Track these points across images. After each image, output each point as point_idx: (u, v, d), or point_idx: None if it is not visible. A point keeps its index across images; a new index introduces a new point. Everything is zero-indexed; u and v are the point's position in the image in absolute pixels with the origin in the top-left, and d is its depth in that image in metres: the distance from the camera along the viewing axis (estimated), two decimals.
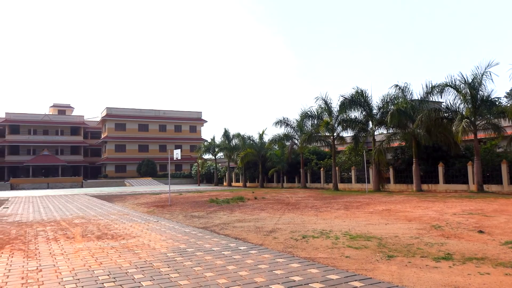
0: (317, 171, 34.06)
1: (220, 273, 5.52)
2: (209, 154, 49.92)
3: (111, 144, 63.12)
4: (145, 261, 6.39)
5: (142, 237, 8.88)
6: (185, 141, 67.78)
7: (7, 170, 60.91)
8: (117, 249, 7.43)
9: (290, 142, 35.18)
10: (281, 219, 11.72)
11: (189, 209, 15.68)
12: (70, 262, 6.40)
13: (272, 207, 15.48)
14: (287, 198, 20.75)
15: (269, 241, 7.97)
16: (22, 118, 62.78)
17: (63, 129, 65.86)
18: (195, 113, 71.26)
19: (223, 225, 10.57)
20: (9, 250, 7.58)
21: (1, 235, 9.61)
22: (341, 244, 7.49)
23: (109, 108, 64.24)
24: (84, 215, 14.12)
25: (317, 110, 30.38)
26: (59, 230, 10.38)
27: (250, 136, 41.21)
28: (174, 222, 11.63)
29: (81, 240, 8.57)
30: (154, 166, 61.14)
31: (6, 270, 5.98)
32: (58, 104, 71.64)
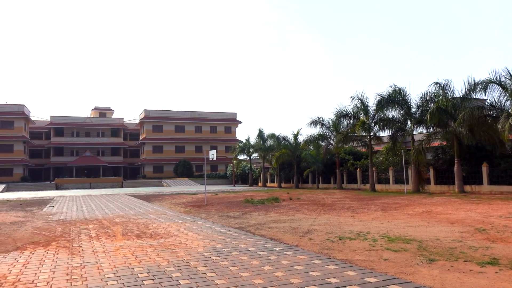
0: (353, 172, 33.47)
1: (256, 273, 5.52)
2: (244, 154, 50.22)
3: (149, 145, 64.81)
4: (183, 260, 6.50)
5: (180, 236, 9.04)
6: (220, 142, 68.53)
7: (52, 170, 63.86)
8: (156, 248, 7.61)
9: (325, 142, 34.76)
10: (316, 220, 11.60)
11: (224, 209, 15.83)
12: (112, 260, 6.62)
13: (308, 208, 15.35)
14: (322, 199, 20.53)
15: (305, 242, 7.90)
16: (65, 121, 65.66)
17: (104, 131, 68.28)
18: (230, 114, 71.92)
19: (258, 226, 10.59)
20: (54, 247, 7.94)
21: (47, 233, 10.08)
22: (379, 246, 7.32)
23: (147, 110, 66.00)
24: (124, 214, 14.57)
25: (352, 109, 29.85)
26: (101, 228, 10.76)
27: (285, 137, 41.08)
28: (210, 222, 11.77)
29: (122, 239, 8.83)
30: (190, 166, 62.21)
31: (52, 266, 6.26)
32: (99, 107, 74.44)
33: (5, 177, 55.89)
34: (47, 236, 9.46)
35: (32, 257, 6.96)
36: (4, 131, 57.72)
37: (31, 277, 5.60)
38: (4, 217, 14.39)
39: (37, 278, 5.52)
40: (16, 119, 58.72)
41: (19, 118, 58.89)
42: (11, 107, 59.24)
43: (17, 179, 56.40)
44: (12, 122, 58.49)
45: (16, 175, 57.14)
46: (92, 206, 19.22)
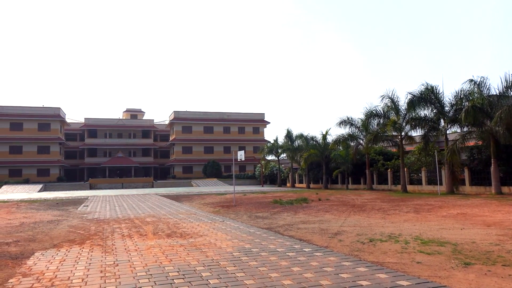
0: (384, 172, 32.82)
1: (285, 274, 5.50)
2: (272, 155, 50.16)
3: (179, 146, 65.82)
4: (212, 259, 6.56)
5: (209, 236, 9.13)
6: (249, 142, 68.74)
7: (86, 171, 65.92)
8: (186, 247, 7.72)
9: (354, 142, 34.25)
10: (346, 221, 11.44)
11: (253, 209, 15.86)
12: (143, 258, 6.76)
13: (337, 209, 15.17)
14: (352, 200, 20.22)
15: (335, 244, 7.81)
16: (99, 123, 67.64)
17: (135, 132, 69.88)
18: (258, 114, 72.06)
19: (287, 226, 10.55)
20: (89, 245, 8.19)
21: (82, 231, 10.41)
22: (411, 248, 7.14)
23: (176, 111, 67.07)
24: (155, 214, 14.85)
25: (383, 108, 29.28)
26: (133, 227, 11.01)
27: (313, 137, 40.76)
28: (239, 222, 11.83)
29: (153, 238, 9.01)
30: (219, 167, 62.71)
31: (87, 263, 6.46)
32: (130, 109, 76.29)
33: (42, 177, 58.16)
34: (82, 235, 9.76)
35: (68, 255, 7.21)
36: (41, 133, 60.08)
37: (67, 274, 5.80)
38: (42, 216, 14.97)
39: (72, 275, 5.70)
40: (52, 121, 60.99)
41: (55, 120, 61.14)
42: (47, 110, 61.60)
43: (53, 179, 58.56)
44: (49, 124, 60.79)
45: (53, 175, 59.34)
46: (124, 205, 19.70)
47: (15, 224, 12.11)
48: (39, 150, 59.62)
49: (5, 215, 15.14)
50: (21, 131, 59.31)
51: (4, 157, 56.93)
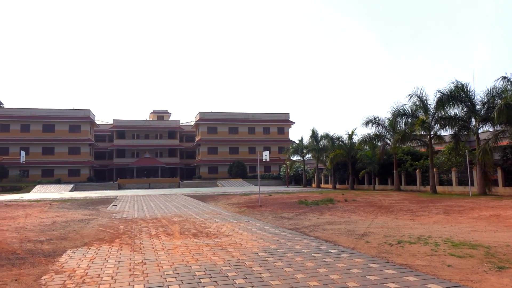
0: (412, 173, 32.09)
1: (311, 275, 5.46)
2: (297, 155, 49.92)
3: (204, 147, 66.45)
4: (238, 259, 6.58)
5: (234, 236, 9.17)
6: (273, 142, 68.68)
7: (115, 171, 67.51)
8: (212, 247, 7.78)
9: (381, 142, 33.63)
10: (373, 222, 11.25)
11: (278, 210, 15.83)
12: (170, 257, 6.85)
13: (364, 210, 14.94)
14: (379, 200, 19.87)
15: (361, 245, 7.69)
16: (127, 124, 69.14)
17: (162, 133, 71.03)
18: (282, 114, 71.91)
19: (312, 227, 10.47)
20: (118, 244, 8.37)
21: (111, 230, 10.66)
22: (441, 251, 6.94)
23: (201, 112, 67.75)
24: (181, 214, 15.04)
25: (410, 107, 28.63)
26: (160, 227, 11.18)
27: (339, 137, 40.30)
28: (264, 222, 11.82)
29: (179, 237, 9.12)
30: (244, 167, 62.94)
31: (116, 262, 6.61)
32: (157, 111, 77.62)
33: (73, 177, 59.99)
34: (111, 233, 9.99)
35: (98, 253, 7.39)
36: (72, 134, 61.95)
37: (97, 271, 5.95)
38: (73, 215, 15.42)
39: (102, 273, 5.85)
40: (83, 123, 62.79)
41: (85, 122, 62.92)
42: (78, 112, 63.46)
43: (83, 179, 60.27)
44: (79, 126, 62.62)
45: (83, 176, 61.08)
46: (152, 205, 20.04)
47: (48, 223, 12.52)
48: (70, 151, 61.49)
49: (39, 214, 15.69)
50: (53, 133, 61.36)
51: (37, 158, 59.01)
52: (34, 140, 59.84)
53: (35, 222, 12.88)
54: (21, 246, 8.28)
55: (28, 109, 61.61)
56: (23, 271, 6.00)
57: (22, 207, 19.49)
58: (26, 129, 60.47)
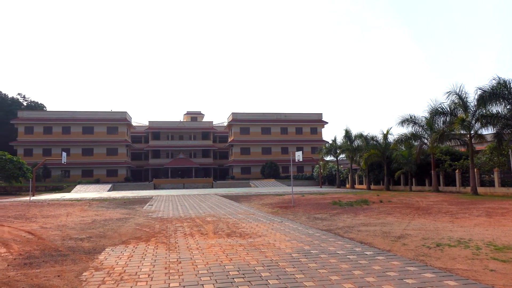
0: (451, 173, 30.95)
1: (345, 277, 5.38)
2: (330, 155, 49.28)
3: (237, 147, 66.88)
4: (271, 260, 6.57)
5: (268, 236, 9.17)
6: (306, 143, 68.18)
7: (151, 171, 69.14)
8: (245, 247, 7.81)
9: (418, 141, 32.59)
10: (410, 224, 10.94)
11: (311, 210, 15.69)
12: (204, 257, 6.94)
13: (400, 211, 14.55)
14: (416, 202, 19.29)
15: (398, 247, 7.50)
16: (161, 125, 70.68)
17: (195, 134, 72.10)
18: (315, 114, 71.27)
19: (347, 228, 10.31)
20: (154, 243, 8.56)
21: (147, 229, 10.92)
22: (483, 255, 6.65)
23: (234, 113, 68.23)
24: (215, 214, 15.20)
25: (449, 105, 27.59)
26: (194, 226, 11.35)
27: (374, 136, 39.45)
28: (297, 223, 11.75)
29: (213, 237, 9.22)
30: (277, 168, 62.82)
31: (152, 260, 6.76)
32: (190, 112, 78.90)
33: (111, 178, 61.97)
34: (147, 232, 10.24)
35: (135, 251, 7.59)
36: (110, 136, 64.02)
37: (134, 269, 6.11)
38: (111, 213, 15.92)
39: (139, 271, 6.00)
40: (120, 125, 64.76)
41: (122, 124, 64.86)
42: (115, 114, 65.53)
43: (121, 179, 62.12)
44: (117, 127, 64.63)
45: (120, 176, 62.97)
46: (186, 205, 20.37)
47: (87, 221, 12.99)
48: (108, 152, 63.57)
49: (79, 213, 16.30)
50: (92, 135, 63.64)
51: (77, 159, 61.37)
52: (74, 142, 62.30)
53: (76, 220, 13.39)
54: (63, 243, 8.63)
55: (69, 112, 64.24)
56: (65, 268, 6.25)
57: (64, 206, 20.32)
58: (67, 131, 63.04)
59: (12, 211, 17.24)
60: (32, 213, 16.39)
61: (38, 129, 62.05)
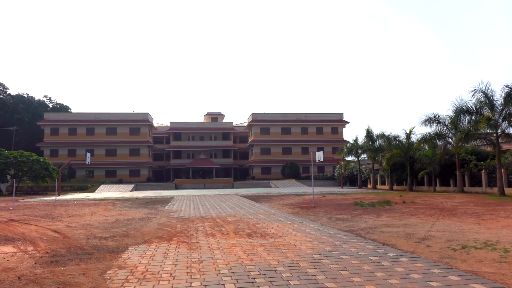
0: (476, 174, 30.13)
1: (368, 279, 5.30)
2: (351, 155, 48.74)
3: (257, 148, 66.94)
4: (292, 260, 6.54)
5: (288, 237, 9.13)
6: (327, 143, 67.66)
7: (172, 172, 69.97)
8: (266, 247, 7.80)
9: (442, 141, 31.86)
10: (434, 225, 10.71)
11: (333, 211, 15.56)
12: (225, 256, 6.97)
13: (424, 213, 14.27)
14: (440, 203, 18.87)
15: (422, 249, 7.35)
16: (182, 126, 71.43)
17: (216, 134, 72.55)
18: (336, 114, 70.66)
19: (369, 229, 10.17)
20: (176, 242, 8.65)
21: (169, 229, 11.04)
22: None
23: (254, 113, 68.32)
24: (235, 214, 15.24)
25: (474, 104, 26.86)
26: (215, 226, 11.41)
27: (396, 136, 38.79)
28: (318, 223, 11.67)
29: (234, 237, 9.25)
30: (297, 168, 62.56)
31: (174, 259, 6.84)
32: (211, 112, 79.44)
33: (134, 178, 63.03)
34: (169, 232, 10.36)
35: (157, 250, 7.69)
36: (133, 137, 65.13)
37: (156, 268, 6.19)
38: (134, 213, 16.18)
39: (162, 270, 6.07)
40: (142, 125, 65.78)
41: (144, 125, 65.87)
42: (137, 115, 66.61)
43: (143, 179, 63.08)
44: (139, 128, 65.67)
45: (143, 176, 63.95)
46: (207, 205, 20.51)
47: (111, 221, 13.24)
48: (130, 153, 64.67)
49: (103, 212, 16.63)
50: (115, 135, 64.86)
51: (101, 159, 62.66)
52: (98, 143, 63.62)
53: (100, 219, 13.67)
54: (88, 242, 8.82)
55: (93, 114, 65.66)
56: (90, 266, 6.38)
57: (88, 206, 20.77)
58: (91, 132, 64.44)
59: (39, 210, 17.74)
60: (58, 212, 16.82)
61: (63, 131, 63.65)
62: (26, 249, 7.91)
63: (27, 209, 18.44)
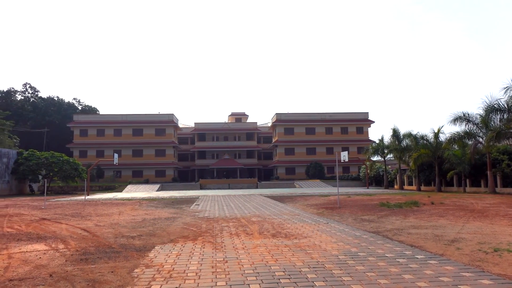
0: (509, 174, 29.07)
1: (395, 282, 5.20)
2: (377, 155, 47.94)
3: (281, 148, 66.80)
4: (317, 261, 6.49)
5: (313, 237, 9.06)
6: (352, 143, 66.84)
7: (197, 172, 70.68)
8: (290, 248, 7.76)
9: (472, 140, 30.92)
10: (464, 227, 10.39)
11: (358, 212, 15.34)
12: (250, 256, 6.97)
13: (453, 214, 13.87)
14: (471, 204, 18.31)
15: (451, 252, 7.14)
16: (207, 127, 72.07)
17: (240, 135, 72.84)
18: (361, 114, 69.69)
19: (396, 231, 9.97)
20: (201, 242, 8.73)
21: (194, 228, 11.15)
22: None
23: (278, 114, 68.20)
24: (260, 214, 15.24)
25: (506, 102, 25.95)
26: (240, 226, 11.44)
27: (424, 135, 37.88)
28: (343, 224, 11.53)
29: (259, 237, 9.25)
30: (322, 168, 62.05)
31: (199, 259, 6.90)
32: (235, 113, 79.82)
33: (160, 178, 64.05)
34: (194, 232, 10.46)
35: (183, 250, 7.77)
36: (158, 137, 66.20)
37: (182, 267, 6.26)
38: (160, 213, 16.43)
39: (187, 269, 6.14)
40: (167, 126, 66.78)
41: (169, 126, 66.84)
42: (162, 116, 67.68)
43: (168, 179, 63.99)
44: (164, 129, 66.70)
45: (168, 176, 64.88)
46: (231, 205, 20.61)
47: (138, 220, 13.48)
48: (156, 153, 65.76)
49: (130, 212, 16.97)
50: (142, 136, 66.09)
51: (128, 160, 63.97)
52: (125, 144, 64.97)
53: (127, 219, 13.94)
54: (116, 241, 9.01)
55: (120, 115, 67.12)
56: (118, 264, 6.52)
57: (116, 205, 21.24)
58: (118, 134, 65.89)
59: (69, 210, 18.26)
60: (87, 211, 17.27)
61: (92, 132, 65.33)
62: (57, 247, 8.16)
63: (58, 208, 19.02)
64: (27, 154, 40.93)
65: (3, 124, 52.92)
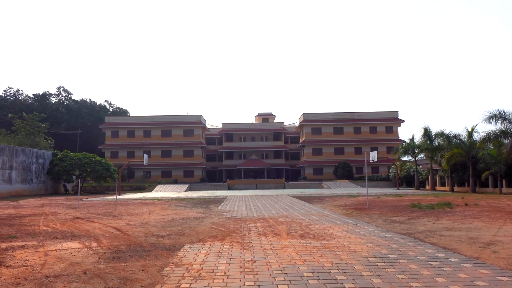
0: None
1: (428, 285, 5.06)
2: (408, 155, 46.86)
3: (309, 148, 66.35)
4: (346, 263, 6.40)
5: (342, 238, 8.95)
6: (381, 142, 65.60)
7: (224, 172, 71.20)
8: (319, 249, 7.69)
9: (509, 139, 29.75)
10: (501, 230, 10.00)
11: (388, 213, 15.03)
12: (278, 257, 6.95)
13: (489, 216, 13.37)
14: (508, 205, 17.60)
15: (487, 255, 6.89)
16: (234, 127, 72.49)
17: (267, 135, 72.87)
18: (390, 113, 68.28)
19: (428, 233, 9.70)
20: (229, 242, 8.78)
21: (222, 228, 11.23)
22: None
23: (305, 114, 67.78)
24: (287, 214, 15.18)
25: None
26: (267, 226, 11.43)
27: (456, 135, 36.72)
28: (373, 226, 11.33)
29: (286, 238, 9.21)
30: (350, 168, 61.19)
31: (228, 258, 6.94)
32: (262, 113, 79.92)
33: (188, 178, 64.92)
34: (222, 231, 10.53)
35: (212, 249, 7.84)
36: (186, 138, 67.13)
37: (211, 266, 6.31)
38: (188, 213, 16.65)
39: (216, 268, 6.18)
40: (195, 127, 67.62)
41: (197, 126, 67.66)
42: (190, 117, 68.58)
43: (197, 180, 64.76)
44: (192, 130, 67.57)
45: (196, 177, 65.67)
46: (259, 205, 20.62)
47: (167, 220, 13.70)
48: (184, 154, 66.69)
49: (160, 211, 17.27)
50: (170, 137, 67.20)
51: (157, 160, 65.17)
52: (154, 144, 66.24)
53: (157, 218, 14.20)
54: (146, 239, 9.19)
55: (149, 116, 68.51)
56: (148, 263, 6.65)
57: (146, 205, 21.66)
58: (148, 135, 67.27)
59: (101, 209, 18.77)
60: (118, 211, 17.70)
61: (122, 133, 66.97)
62: (90, 245, 8.40)
63: (90, 208, 19.60)
64: (61, 155, 42.43)
65: (39, 127, 55.03)
